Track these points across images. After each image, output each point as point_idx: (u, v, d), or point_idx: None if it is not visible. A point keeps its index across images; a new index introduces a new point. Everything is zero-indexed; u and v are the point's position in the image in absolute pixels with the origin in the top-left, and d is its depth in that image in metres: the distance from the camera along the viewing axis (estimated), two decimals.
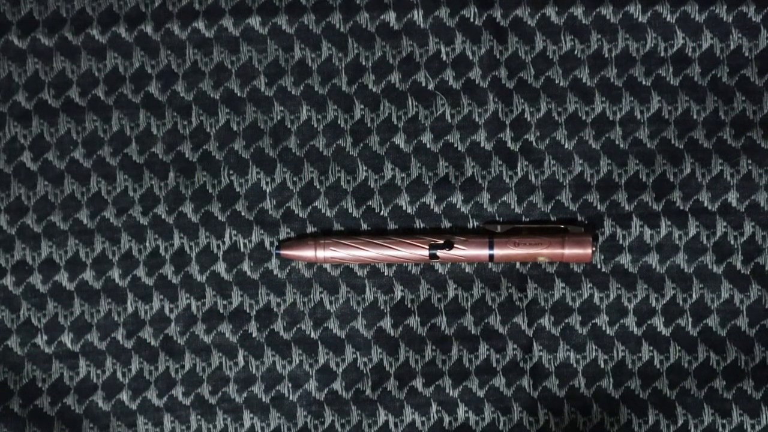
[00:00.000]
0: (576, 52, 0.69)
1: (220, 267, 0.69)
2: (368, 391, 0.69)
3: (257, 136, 0.70)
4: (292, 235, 0.69)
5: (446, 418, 0.69)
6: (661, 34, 0.69)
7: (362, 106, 0.70)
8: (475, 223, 0.69)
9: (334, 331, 0.69)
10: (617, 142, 0.69)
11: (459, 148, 0.69)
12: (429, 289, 0.69)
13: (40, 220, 0.69)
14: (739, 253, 0.68)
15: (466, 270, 0.69)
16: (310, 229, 0.69)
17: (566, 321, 0.69)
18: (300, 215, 0.69)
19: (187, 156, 0.70)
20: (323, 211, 0.69)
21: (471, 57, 0.69)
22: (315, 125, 0.70)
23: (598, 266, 0.69)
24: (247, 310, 0.69)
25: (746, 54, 0.69)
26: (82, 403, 0.69)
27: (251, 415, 0.69)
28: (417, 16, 0.69)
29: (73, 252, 0.69)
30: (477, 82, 0.69)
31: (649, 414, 0.68)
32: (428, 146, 0.69)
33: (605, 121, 0.69)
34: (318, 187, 0.69)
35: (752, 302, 0.68)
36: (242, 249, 0.69)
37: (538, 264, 0.68)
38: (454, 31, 0.69)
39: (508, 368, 0.69)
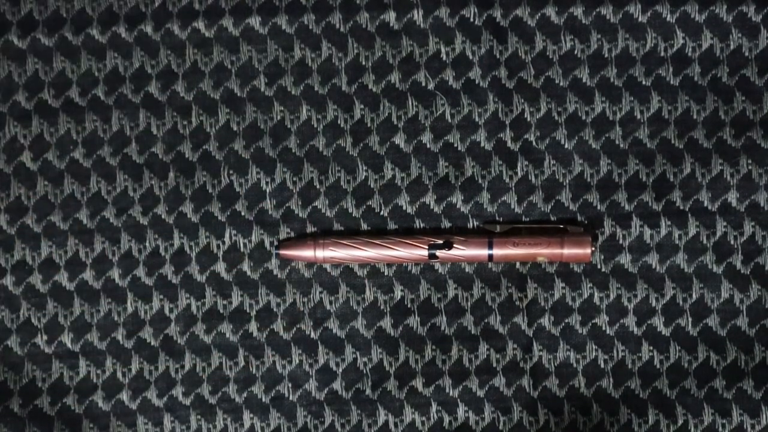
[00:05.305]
0: (576, 52, 0.69)
1: (220, 267, 0.69)
2: (368, 391, 0.69)
3: (257, 136, 0.70)
4: (292, 235, 0.69)
5: (446, 418, 0.69)
6: (661, 34, 0.69)
7: (362, 106, 0.70)
8: (475, 223, 0.69)
9: (334, 331, 0.69)
10: (617, 142, 0.69)
11: (459, 148, 0.69)
12: (429, 289, 0.69)
13: (40, 220, 0.69)
14: (739, 253, 0.68)
15: (466, 270, 0.69)
16: (310, 229, 0.69)
17: (566, 321, 0.69)
18: (300, 215, 0.69)
19: (187, 156, 0.70)
20: (323, 211, 0.69)
21: (471, 57, 0.69)
22: (315, 125, 0.70)
23: (598, 266, 0.69)
24: (247, 310, 0.69)
25: (746, 54, 0.69)
26: (82, 403, 0.69)
27: (251, 415, 0.69)
28: (417, 16, 0.69)
29: (73, 252, 0.69)
30: (477, 82, 0.69)
31: (649, 414, 0.68)
32: (428, 146, 0.69)
33: (605, 121, 0.69)
34: (318, 187, 0.69)
35: (752, 302, 0.68)
36: (242, 249, 0.69)
37: (538, 264, 0.68)
38: (454, 31, 0.69)
39: (508, 368, 0.69)
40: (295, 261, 0.69)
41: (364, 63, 0.70)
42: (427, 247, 0.67)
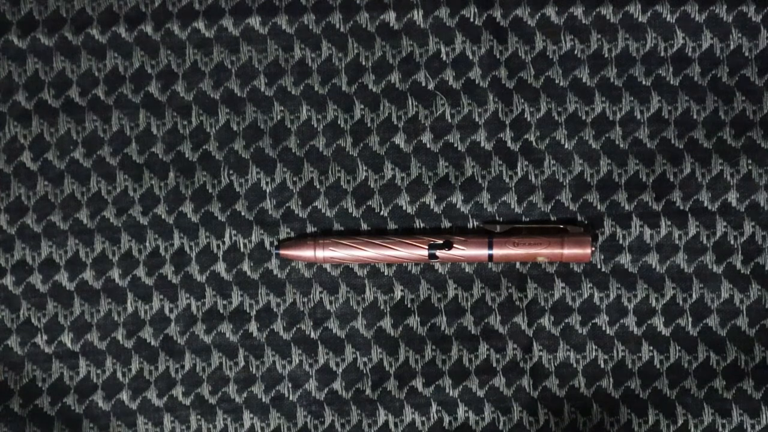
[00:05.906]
0: (576, 52, 0.69)
1: (220, 267, 0.69)
2: (368, 391, 0.69)
3: (257, 136, 0.70)
4: (292, 235, 0.69)
5: (446, 418, 0.69)
6: (661, 34, 0.69)
7: (362, 106, 0.70)
8: (475, 223, 0.69)
9: (334, 331, 0.69)
10: (617, 142, 0.69)
11: (459, 148, 0.69)
12: (429, 289, 0.69)
13: (40, 220, 0.70)
14: (739, 253, 0.68)
15: (466, 270, 0.69)
16: (310, 229, 0.69)
17: (566, 321, 0.69)
18: (300, 215, 0.69)
19: (187, 156, 0.70)
20: (323, 211, 0.69)
21: (471, 57, 0.69)
22: (315, 125, 0.70)
23: (598, 266, 0.69)
24: (247, 310, 0.69)
25: (746, 54, 0.69)
26: (82, 403, 0.69)
27: (251, 415, 0.69)
28: (417, 16, 0.69)
29: (73, 252, 0.69)
30: (477, 82, 0.69)
31: (649, 414, 0.68)
32: (428, 146, 0.69)
33: (605, 121, 0.69)
34: (318, 187, 0.69)
35: (752, 302, 0.68)
36: (242, 249, 0.69)
37: (538, 264, 0.68)
38: (454, 31, 0.69)
39: (508, 368, 0.69)
40: (295, 261, 0.69)
41: (364, 63, 0.70)
42: (427, 247, 0.67)
